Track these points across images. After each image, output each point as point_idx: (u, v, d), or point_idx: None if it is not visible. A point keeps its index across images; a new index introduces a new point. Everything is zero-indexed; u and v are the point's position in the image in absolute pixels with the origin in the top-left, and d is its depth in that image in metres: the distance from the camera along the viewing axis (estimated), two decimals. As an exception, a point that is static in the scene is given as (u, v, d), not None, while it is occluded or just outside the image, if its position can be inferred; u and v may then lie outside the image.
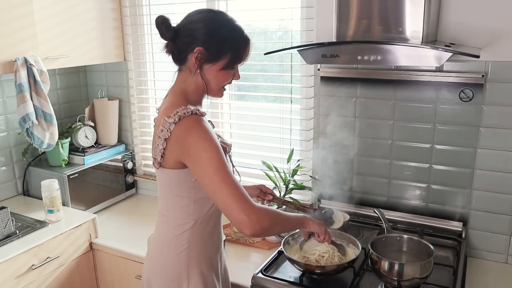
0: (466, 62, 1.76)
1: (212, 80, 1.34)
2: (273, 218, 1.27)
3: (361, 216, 2.05)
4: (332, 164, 2.09)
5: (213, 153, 1.22)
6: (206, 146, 1.23)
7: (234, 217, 1.21)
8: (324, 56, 1.60)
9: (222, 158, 1.23)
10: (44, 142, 2.08)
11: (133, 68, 2.54)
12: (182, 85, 1.37)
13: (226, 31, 1.30)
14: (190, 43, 1.29)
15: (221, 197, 1.22)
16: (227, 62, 1.32)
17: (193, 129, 1.24)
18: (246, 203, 1.21)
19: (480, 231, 1.87)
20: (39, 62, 2.03)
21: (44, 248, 1.93)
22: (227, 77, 1.35)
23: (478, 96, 1.75)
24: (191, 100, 1.36)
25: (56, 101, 2.58)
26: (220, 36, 1.29)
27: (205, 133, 1.24)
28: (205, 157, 1.23)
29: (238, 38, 1.32)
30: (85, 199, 2.38)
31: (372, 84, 1.94)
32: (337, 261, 1.60)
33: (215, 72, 1.32)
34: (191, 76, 1.34)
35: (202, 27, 1.29)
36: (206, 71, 1.32)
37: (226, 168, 1.23)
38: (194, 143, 1.24)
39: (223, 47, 1.30)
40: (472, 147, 1.81)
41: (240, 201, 1.21)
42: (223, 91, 1.41)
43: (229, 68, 1.34)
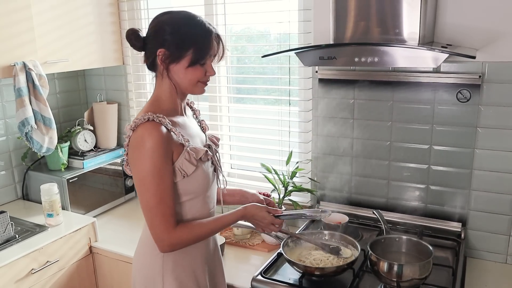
0: (463, 63, 1.76)
1: (181, 80, 1.34)
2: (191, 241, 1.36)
3: (360, 217, 2.05)
4: (331, 166, 2.10)
5: (148, 174, 1.27)
6: (149, 167, 1.26)
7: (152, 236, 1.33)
8: (322, 58, 1.60)
9: (156, 180, 1.27)
10: (43, 146, 2.08)
11: (131, 72, 2.55)
12: (157, 91, 1.38)
13: (184, 28, 1.30)
14: (154, 47, 1.31)
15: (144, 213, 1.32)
16: (192, 59, 1.30)
17: (141, 142, 1.27)
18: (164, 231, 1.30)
19: (479, 231, 1.87)
20: (38, 66, 2.04)
21: (44, 252, 1.93)
22: (197, 74, 1.33)
23: (475, 97, 1.76)
24: (165, 107, 1.36)
25: (55, 105, 2.58)
26: (179, 34, 1.30)
27: (152, 150, 1.26)
28: (138, 168, 1.28)
29: (198, 33, 1.30)
30: (85, 203, 2.38)
31: (370, 86, 1.94)
32: (336, 262, 1.61)
33: (182, 70, 1.32)
34: (163, 80, 1.35)
35: (163, 29, 1.30)
36: (174, 71, 1.32)
37: (155, 191, 1.28)
38: (139, 160, 1.28)
39: (183, 44, 1.29)
40: (470, 147, 1.82)
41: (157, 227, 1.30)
42: (203, 87, 1.38)
43: (196, 64, 1.31)
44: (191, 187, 1.37)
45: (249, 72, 2.37)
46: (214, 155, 1.46)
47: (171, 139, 1.31)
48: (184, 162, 1.33)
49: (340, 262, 1.61)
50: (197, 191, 1.39)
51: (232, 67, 2.38)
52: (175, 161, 1.32)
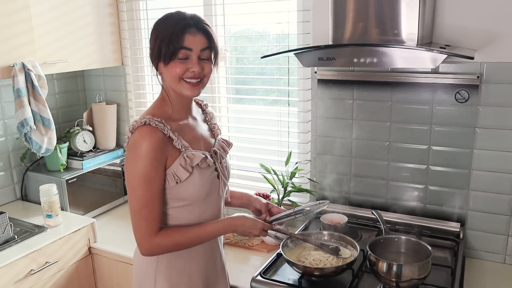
0: (462, 64, 1.77)
1: (167, 78, 1.32)
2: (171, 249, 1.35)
3: (360, 218, 2.06)
4: (330, 166, 2.10)
5: (136, 177, 1.27)
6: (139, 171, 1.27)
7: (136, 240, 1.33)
8: (321, 59, 1.61)
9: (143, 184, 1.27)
10: (42, 147, 2.08)
11: (130, 72, 2.55)
12: (162, 93, 1.39)
13: (158, 26, 1.31)
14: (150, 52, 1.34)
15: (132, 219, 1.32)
16: (164, 54, 1.27)
17: (135, 147, 1.28)
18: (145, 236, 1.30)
19: (478, 231, 1.88)
20: (37, 67, 2.04)
21: (43, 253, 1.93)
22: (176, 70, 1.28)
23: (473, 97, 1.76)
24: (167, 108, 1.37)
25: (54, 105, 2.58)
26: (154, 33, 1.31)
27: (144, 155, 1.26)
28: (129, 172, 1.29)
29: (167, 27, 1.28)
30: (84, 203, 2.38)
31: (368, 86, 1.95)
32: (335, 262, 1.61)
33: (164, 69, 1.31)
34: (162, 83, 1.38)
35: (151, 34, 1.33)
36: (161, 71, 1.33)
37: (141, 195, 1.28)
38: (131, 163, 1.29)
39: (156, 42, 1.29)
40: (469, 147, 1.82)
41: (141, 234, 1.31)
42: (189, 86, 1.30)
43: (171, 59, 1.27)
44: (185, 193, 1.35)
45: (248, 72, 2.38)
46: (218, 162, 1.42)
47: (167, 144, 1.30)
48: (179, 168, 1.31)
49: (339, 263, 1.61)
50: (192, 198, 1.36)
51: (231, 67, 2.39)
52: (169, 166, 1.31)
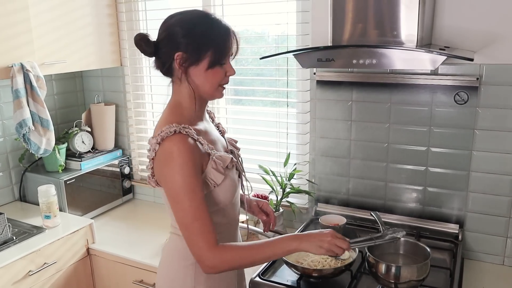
0: (461, 65, 1.77)
1: (202, 83, 1.26)
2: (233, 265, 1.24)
3: (358, 219, 2.06)
4: (329, 168, 2.10)
5: (180, 190, 1.19)
6: (179, 181, 1.19)
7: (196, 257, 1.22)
8: (320, 60, 1.61)
9: (189, 196, 1.19)
10: (41, 148, 2.08)
11: (129, 73, 2.55)
12: (176, 97, 1.31)
13: (201, 27, 1.23)
14: (170, 51, 1.24)
15: (185, 234, 1.23)
16: (212, 60, 1.23)
17: (171, 158, 1.20)
18: (204, 250, 1.20)
19: (477, 233, 1.88)
20: (35, 67, 2.04)
21: (41, 254, 1.93)
22: (218, 75, 1.26)
23: (473, 99, 1.76)
24: (187, 114, 1.29)
25: (53, 106, 2.58)
26: (196, 34, 1.22)
27: (182, 165, 1.19)
28: (173, 191, 1.21)
29: (216, 32, 1.23)
30: (82, 204, 2.38)
31: (367, 88, 1.95)
32: (333, 264, 1.61)
33: (202, 73, 1.24)
34: (182, 85, 1.28)
35: (178, 31, 1.22)
36: (193, 75, 1.25)
37: (189, 207, 1.19)
38: (170, 175, 1.20)
39: (202, 45, 1.22)
40: (468, 149, 1.82)
41: (196, 248, 1.20)
42: (222, 90, 1.31)
43: (216, 65, 1.24)
44: (220, 197, 1.30)
45: (247, 74, 2.38)
46: (238, 160, 1.41)
47: (198, 150, 1.24)
48: (212, 172, 1.26)
49: (338, 264, 1.61)
50: (225, 201, 1.32)
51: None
52: (204, 171, 1.26)
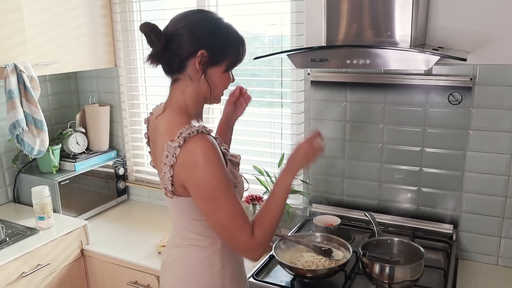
0: (455, 66, 1.77)
1: (216, 85, 1.24)
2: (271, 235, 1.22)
3: (353, 219, 2.06)
4: (323, 168, 2.10)
5: (214, 190, 1.14)
6: (213, 180, 1.14)
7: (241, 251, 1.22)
8: (314, 60, 1.61)
9: (223, 194, 1.15)
10: (35, 149, 2.07)
11: (124, 74, 2.54)
12: (181, 97, 1.24)
13: (224, 30, 1.22)
14: (192, 47, 1.18)
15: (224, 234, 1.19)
16: (229, 64, 1.24)
17: (200, 157, 1.13)
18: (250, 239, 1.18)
19: (471, 233, 1.88)
20: (29, 68, 2.03)
21: (35, 255, 1.92)
22: (228, 81, 1.27)
23: (466, 99, 1.77)
24: (193, 114, 1.25)
25: (47, 107, 2.57)
26: (222, 36, 1.21)
27: (212, 162, 1.14)
28: (206, 193, 1.15)
29: (235, 38, 1.24)
30: (77, 205, 2.37)
31: (362, 88, 1.95)
32: (327, 264, 1.61)
33: (219, 75, 1.23)
34: (192, 84, 1.22)
35: (205, 27, 1.19)
36: (210, 75, 1.22)
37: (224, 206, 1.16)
38: (202, 177, 1.14)
39: (226, 48, 1.21)
40: (462, 149, 1.82)
41: (234, 242, 1.19)
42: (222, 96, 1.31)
43: (230, 70, 1.26)
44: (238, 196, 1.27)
45: (241, 74, 2.37)
46: None
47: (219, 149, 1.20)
48: (233, 172, 1.26)
49: (332, 264, 1.61)
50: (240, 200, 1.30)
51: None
52: None
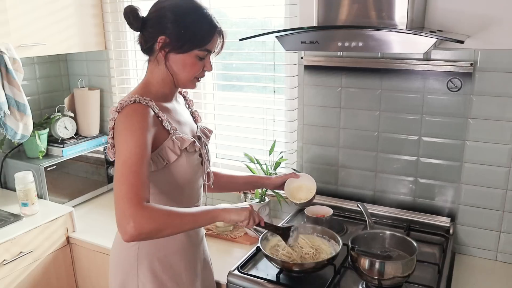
0: (454, 50, 1.67)
1: (179, 71, 1.28)
2: (161, 223, 1.11)
3: (346, 210, 1.98)
4: (317, 157, 2.02)
5: (130, 147, 1.14)
6: (127, 138, 1.16)
7: (116, 217, 1.09)
8: (303, 42, 1.51)
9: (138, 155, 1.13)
10: (18, 133, 2.01)
11: (114, 57, 2.46)
12: (149, 76, 1.32)
13: (191, 18, 1.24)
14: (155, 32, 1.25)
15: (114, 191, 1.12)
16: (200, 52, 1.26)
17: (125, 118, 1.19)
18: (131, 205, 1.07)
19: (469, 226, 1.80)
20: (11, 49, 1.95)
21: (17, 242, 1.86)
22: (195, 68, 1.29)
23: (466, 86, 1.67)
24: (154, 92, 1.30)
25: (35, 91, 2.50)
26: (185, 24, 1.23)
27: (133, 124, 1.17)
28: (121, 148, 1.16)
29: (204, 26, 1.25)
30: (65, 191, 2.30)
31: (357, 73, 1.85)
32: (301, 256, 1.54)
33: (180, 62, 1.26)
34: (158, 66, 1.29)
35: (169, 16, 1.23)
36: (172, 61, 1.27)
37: (134, 164, 1.12)
38: (119, 133, 1.18)
39: (187, 36, 1.23)
40: (461, 139, 1.73)
41: (126, 200, 1.08)
42: (196, 82, 1.34)
43: (203, 58, 1.28)
44: (171, 177, 1.30)
45: (233, 57, 2.28)
46: (202, 147, 1.40)
47: (156, 123, 1.24)
48: (167, 150, 1.27)
49: (318, 258, 1.53)
50: (177, 182, 1.32)
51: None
52: (157, 147, 1.25)
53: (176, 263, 1.38)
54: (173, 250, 1.37)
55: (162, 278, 1.35)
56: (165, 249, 1.35)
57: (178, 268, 1.38)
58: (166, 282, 1.36)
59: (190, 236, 1.41)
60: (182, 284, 1.39)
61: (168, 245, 1.35)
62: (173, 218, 1.14)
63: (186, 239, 1.39)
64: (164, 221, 1.12)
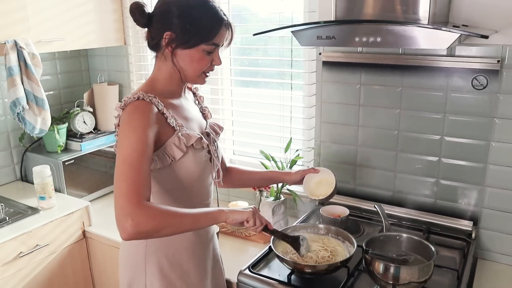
0: (481, 47, 1.59)
1: (186, 67, 1.26)
2: (160, 222, 1.09)
3: (364, 211, 1.92)
4: (334, 155, 1.97)
5: (131, 143, 1.13)
6: (129, 135, 1.15)
7: (115, 214, 1.08)
8: (320, 37, 1.46)
9: (139, 152, 1.12)
10: (36, 128, 2.02)
11: (133, 53, 2.46)
12: (156, 73, 1.31)
13: (197, 13, 1.22)
14: (161, 28, 1.23)
15: (115, 188, 1.11)
16: (207, 47, 1.23)
17: (128, 115, 1.18)
18: (130, 202, 1.07)
19: (492, 231, 1.71)
20: (30, 45, 1.97)
21: (33, 235, 1.88)
22: (203, 63, 1.26)
23: (493, 84, 1.59)
24: (160, 88, 1.29)
25: (56, 86, 2.52)
26: (191, 18, 1.21)
27: (135, 121, 1.16)
28: (122, 145, 1.15)
29: (210, 20, 1.23)
30: (82, 186, 2.32)
31: (377, 70, 1.79)
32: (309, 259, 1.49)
33: (187, 57, 1.24)
34: (166, 63, 1.27)
35: (171, 11, 1.21)
36: (179, 57, 1.25)
37: (135, 162, 1.11)
38: (121, 130, 1.18)
39: (193, 31, 1.21)
40: (486, 139, 1.65)
41: (126, 198, 1.07)
42: (205, 78, 1.32)
43: (211, 52, 1.25)
44: (178, 174, 1.28)
45: (249, 53, 2.24)
46: (211, 144, 1.37)
47: (160, 121, 1.22)
48: (172, 147, 1.24)
49: (330, 260, 1.48)
50: (185, 180, 1.30)
51: (235, 48, 2.26)
52: (162, 144, 1.23)
53: (185, 261, 1.36)
54: (182, 248, 1.35)
55: (170, 276, 1.33)
56: (173, 247, 1.33)
57: (187, 267, 1.36)
58: (175, 281, 1.34)
59: (199, 234, 1.38)
60: (190, 282, 1.37)
61: (177, 243, 1.33)
62: (173, 218, 1.13)
63: (195, 237, 1.37)
64: (163, 221, 1.11)
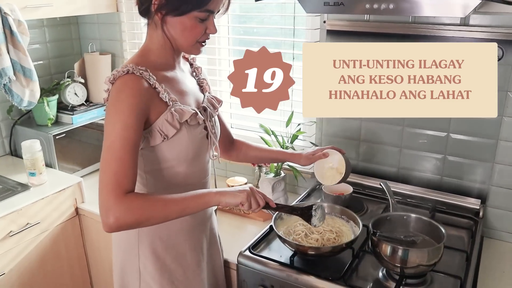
0: (497, 15, 1.49)
1: (178, 36, 1.17)
2: (141, 215, 1.05)
3: (367, 188, 1.86)
4: (337, 129, 1.89)
5: (116, 128, 1.07)
6: (114, 119, 1.08)
7: (99, 205, 1.05)
8: (327, 4, 1.35)
9: (124, 138, 1.07)
10: (24, 100, 1.92)
11: (125, 20, 2.33)
12: (148, 41, 1.22)
13: None
14: None
15: (99, 178, 1.07)
16: (199, 14, 1.14)
17: (115, 93, 1.11)
18: (110, 195, 1.03)
19: (500, 209, 1.66)
20: (15, 11, 1.84)
21: (24, 213, 1.81)
22: (197, 31, 1.16)
23: (509, 55, 1.49)
24: (153, 60, 1.20)
25: (45, 55, 2.40)
26: None
27: (122, 100, 1.09)
28: (108, 129, 1.09)
29: None
30: (75, 160, 2.24)
31: (386, 40, 1.68)
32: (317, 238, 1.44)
33: (179, 25, 1.15)
34: (157, 31, 1.18)
35: None
36: (170, 24, 1.16)
37: (118, 150, 1.06)
38: (108, 110, 1.11)
39: None
40: (498, 114, 1.57)
41: (106, 191, 1.04)
42: (200, 47, 1.22)
43: (196, 20, 1.15)
44: (170, 153, 1.20)
45: (248, 21, 2.12)
46: (208, 120, 1.28)
47: (152, 96, 1.14)
48: (164, 124, 1.16)
49: (336, 242, 1.42)
50: (178, 158, 1.22)
51: (233, 15, 2.13)
52: (154, 121, 1.15)
53: (179, 243, 1.29)
54: (177, 229, 1.28)
55: (165, 259, 1.27)
56: (167, 228, 1.26)
57: (182, 248, 1.30)
58: (169, 263, 1.28)
59: (196, 215, 1.31)
60: (186, 265, 1.31)
61: (171, 224, 1.25)
62: (156, 208, 1.08)
63: (190, 217, 1.29)
64: (145, 213, 1.07)
